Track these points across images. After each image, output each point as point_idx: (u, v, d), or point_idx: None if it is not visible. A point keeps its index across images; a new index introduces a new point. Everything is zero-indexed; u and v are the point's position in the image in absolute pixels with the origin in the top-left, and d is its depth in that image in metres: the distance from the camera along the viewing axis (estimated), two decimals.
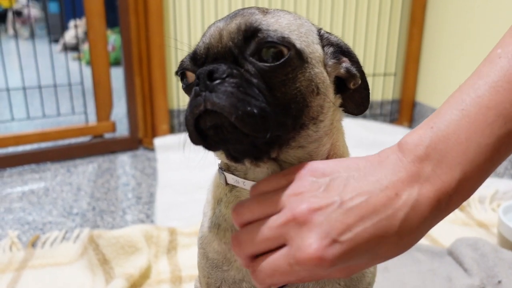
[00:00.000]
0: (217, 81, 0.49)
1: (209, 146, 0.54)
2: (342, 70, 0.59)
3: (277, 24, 0.54)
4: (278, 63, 0.51)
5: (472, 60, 2.03)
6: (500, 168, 1.84)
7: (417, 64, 2.49)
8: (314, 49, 0.56)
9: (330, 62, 0.58)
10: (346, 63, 0.59)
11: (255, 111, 0.49)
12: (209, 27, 0.57)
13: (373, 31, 2.47)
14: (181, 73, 0.59)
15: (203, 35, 0.57)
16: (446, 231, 1.39)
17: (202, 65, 0.54)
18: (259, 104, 0.49)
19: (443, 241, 1.33)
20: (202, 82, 0.50)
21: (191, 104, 0.51)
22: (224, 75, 0.50)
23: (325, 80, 0.56)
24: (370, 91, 0.65)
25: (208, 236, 0.64)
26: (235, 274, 0.62)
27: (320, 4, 2.36)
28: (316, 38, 0.58)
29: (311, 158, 0.57)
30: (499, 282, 1.08)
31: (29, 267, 1.24)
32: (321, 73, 0.56)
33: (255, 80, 0.51)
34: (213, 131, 0.51)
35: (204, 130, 0.52)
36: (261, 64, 0.51)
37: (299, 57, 0.53)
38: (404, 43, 2.51)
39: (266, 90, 0.51)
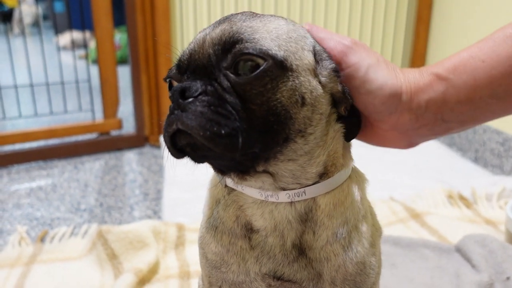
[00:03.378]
0: (189, 100, 0.49)
1: (193, 159, 0.54)
2: (339, 87, 0.56)
3: (263, 30, 0.52)
4: (252, 75, 0.50)
5: None
6: (507, 166, 1.84)
7: (423, 63, 2.48)
8: (302, 56, 0.53)
9: (325, 71, 0.55)
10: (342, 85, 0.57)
11: (223, 131, 0.48)
12: (198, 32, 0.56)
13: (379, 30, 2.47)
14: (169, 81, 0.58)
15: (191, 41, 0.56)
16: (453, 228, 1.38)
17: (184, 73, 0.54)
18: (230, 123, 0.48)
19: (450, 238, 1.33)
20: (175, 100, 0.50)
21: (166, 122, 0.51)
22: (197, 93, 0.49)
23: (313, 90, 0.53)
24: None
25: (206, 237, 0.64)
26: (232, 276, 0.62)
27: (326, 3, 2.36)
28: (308, 45, 0.55)
29: (304, 170, 0.56)
30: (508, 278, 1.08)
31: (38, 261, 1.25)
32: (307, 81, 0.53)
33: (228, 96, 0.50)
34: (190, 148, 0.51)
35: (181, 146, 0.51)
36: (234, 77, 0.50)
37: (280, 66, 0.51)
38: (410, 42, 2.51)
39: (240, 106, 0.50)
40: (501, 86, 0.58)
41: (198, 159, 0.53)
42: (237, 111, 0.49)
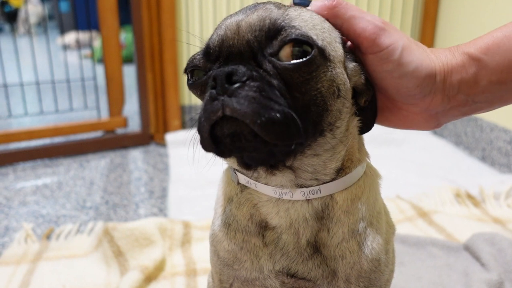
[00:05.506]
0: (237, 85, 0.46)
1: (222, 153, 0.50)
2: (362, 79, 0.55)
3: (300, 19, 0.51)
4: (302, 61, 0.48)
5: None
6: None
7: None
8: (336, 47, 0.53)
9: (351, 65, 0.55)
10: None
11: (280, 117, 0.45)
12: (224, 20, 0.53)
13: None
14: (191, 71, 0.54)
15: (217, 27, 0.53)
16: (461, 226, 1.37)
17: (215, 60, 0.51)
18: (282, 109, 0.46)
19: (458, 237, 1.32)
20: (220, 85, 0.46)
21: (207, 109, 0.47)
22: (244, 78, 0.46)
23: (345, 82, 0.53)
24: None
25: (218, 235, 0.63)
26: (245, 274, 0.61)
27: None
28: (338, 37, 0.55)
29: (325, 165, 0.55)
30: None
31: (44, 258, 1.25)
32: (342, 73, 0.53)
33: (275, 82, 0.47)
34: (230, 139, 0.47)
35: (219, 137, 0.48)
36: (284, 63, 0.48)
37: (322, 55, 0.50)
38: (417, 39, 2.48)
39: (287, 92, 0.48)
40: None
41: (230, 151, 0.50)
42: (285, 98, 0.47)
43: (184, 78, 2.30)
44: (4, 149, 2.05)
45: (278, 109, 0.46)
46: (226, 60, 0.50)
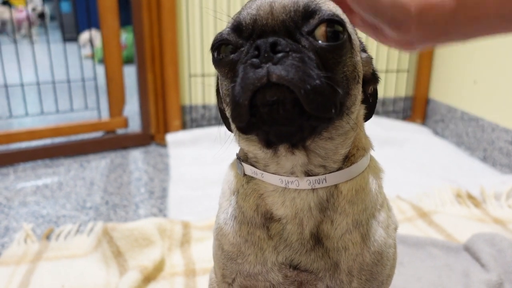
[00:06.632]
0: (282, 54, 0.47)
1: (251, 126, 0.50)
2: (371, 69, 0.59)
3: (326, 6, 0.53)
4: (337, 42, 0.51)
5: (487, 56, 2.01)
6: None
7: (430, 61, 2.46)
8: (356, 37, 0.56)
9: (364, 55, 0.59)
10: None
11: (322, 85, 0.47)
12: (252, 1, 0.54)
13: None
14: (218, 46, 0.54)
15: (246, 8, 0.54)
16: (461, 227, 1.37)
17: (248, 37, 0.52)
18: (323, 79, 0.48)
19: (458, 237, 1.32)
20: (263, 53, 0.47)
21: (248, 77, 0.47)
22: (288, 49, 0.48)
23: (361, 70, 0.56)
24: (383, 88, 0.65)
25: (223, 228, 0.63)
26: (249, 268, 0.61)
27: None
28: (353, 29, 0.58)
29: (336, 150, 0.56)
30: None
31: (44, 259, 1.25)
32: (360, 61, 0.56)
33: (313, 56, 0.49)
34: (268, 108, 0.48)
35: (257, 106, 0.48)
36: (321, 42, 0.50)
37: (349, 41, 0.53)
38: None
39: (323, 68, 0.50)
40: (509, 8, 0.56)
41: (263, 123, 0.50)
42: (322, 71, 0.49)
43: (184, 78, 2.30)
44: (4, 149, 2.05)
45: (320, 79, 0.47)
46: (259, 37, 0.51)
